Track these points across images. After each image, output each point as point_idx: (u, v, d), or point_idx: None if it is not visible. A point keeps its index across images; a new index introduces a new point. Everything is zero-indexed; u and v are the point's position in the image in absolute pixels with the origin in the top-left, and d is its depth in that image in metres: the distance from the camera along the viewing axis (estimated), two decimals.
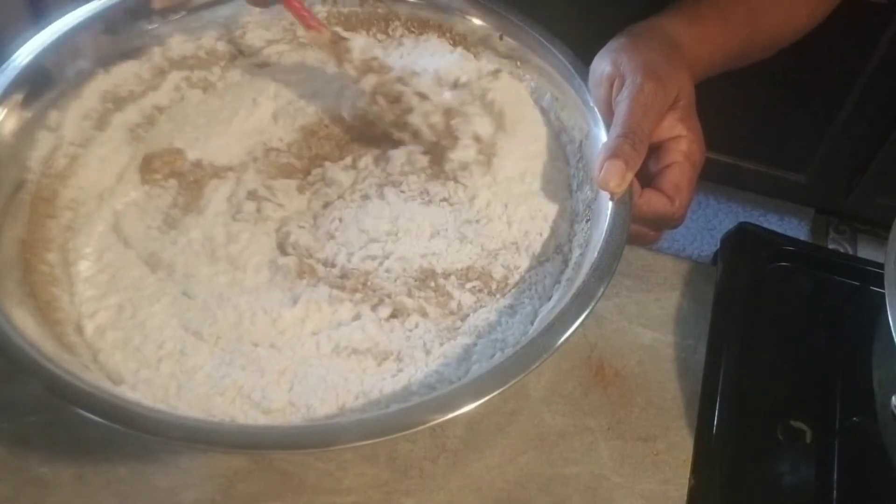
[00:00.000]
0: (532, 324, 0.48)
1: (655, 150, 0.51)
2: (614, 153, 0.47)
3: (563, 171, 0.55)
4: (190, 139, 0.56)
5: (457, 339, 0.47)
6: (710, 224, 1.63)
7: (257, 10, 0.59)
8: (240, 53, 0.60)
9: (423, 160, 0.55)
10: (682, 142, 0.50)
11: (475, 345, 0.47)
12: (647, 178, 0.51)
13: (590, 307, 0.43)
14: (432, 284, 0.50)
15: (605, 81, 0.51)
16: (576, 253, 0.51)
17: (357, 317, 0.49)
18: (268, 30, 0.61)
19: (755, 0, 0.59)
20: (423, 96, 0.54)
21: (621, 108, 0.48)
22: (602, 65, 0.52)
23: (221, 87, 0.60)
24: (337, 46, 0.54)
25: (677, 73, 0.50)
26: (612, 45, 0.53)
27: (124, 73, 0.55)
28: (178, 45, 0.57)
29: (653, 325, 0.60)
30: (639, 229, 0.51)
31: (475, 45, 0.60)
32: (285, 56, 0.61)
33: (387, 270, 0.51)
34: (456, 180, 0.54)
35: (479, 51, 0.60)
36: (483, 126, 0.54)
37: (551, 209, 0.53)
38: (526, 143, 0.56)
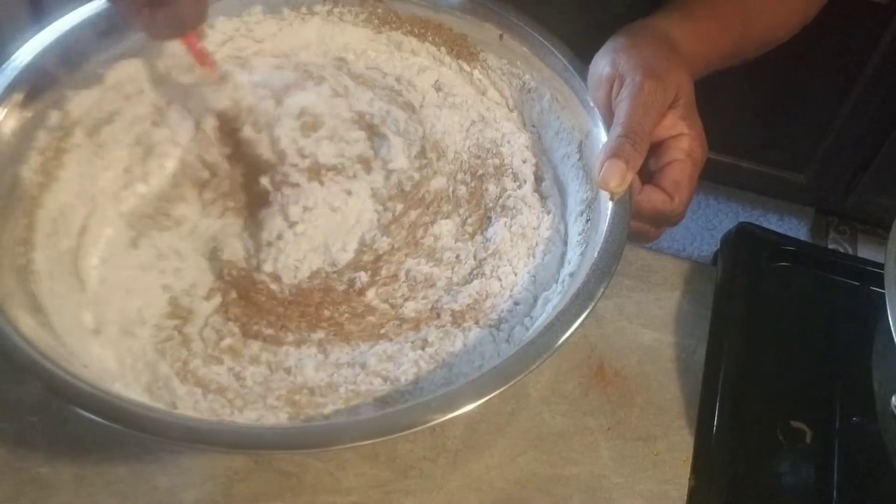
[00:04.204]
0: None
1: (656, 147, 0.51)
2: (615, 153, 0.47)
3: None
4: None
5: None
6: (710, 224, 1.63)
7: (258, 7, 0.59)
8: None
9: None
10: (683, 140, 0.50)
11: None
12: (647, 175, 0.51)
13: (590, 307, 0.43)
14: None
15: (605, 82, 0.51)
16: (576, 252, 0.51)
17: None
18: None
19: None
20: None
21: (621, 108, 0.48)
22: (601, 65, 0.52)
23: None
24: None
25: (676, 71, 0.51)
26: (610, 45, 0.53)
27: (124, 73, 0.55)
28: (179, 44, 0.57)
29: (653, 325, 0.60)
30: (639, 226, 0.51)
31: (475, 45, 0.60)
32: None
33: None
34: None
35: (478, 51, 0.60)
36: None
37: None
38: None
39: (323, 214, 0.53)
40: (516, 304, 0.50)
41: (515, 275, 0.52)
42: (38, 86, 0.50)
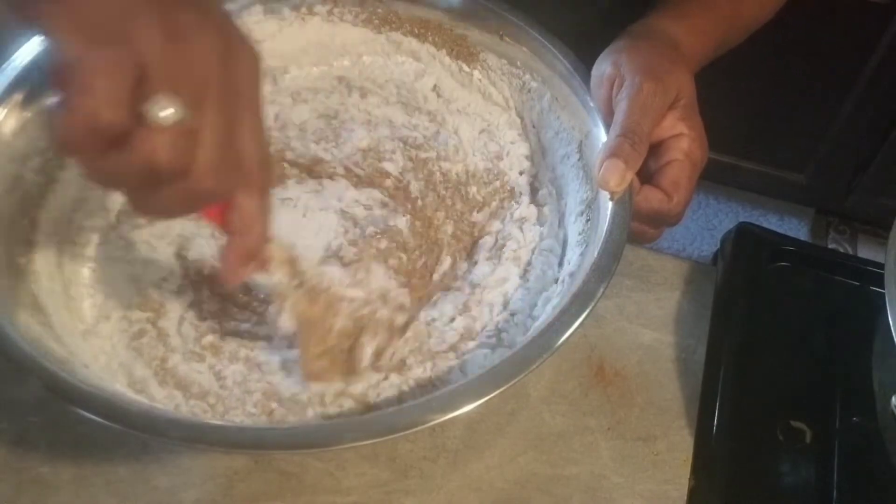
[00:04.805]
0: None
1: (656, 147, 0.51)
2: (614, 152, 0.47)
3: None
4: None
5: None
6: (710, 224, 1.63)
7: (258, 7, 0.59)
8: None
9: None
10: (683, 140, 0.50)
11: None
12: (646, 175, 0.51)
13: (590, 307, 0.43)
14: None
15: (606, 82, 0.51)
16: (576, 252, 0.51)
17: None
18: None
19: None
20: None
21: (621, 109, 0.49)
22: (603, 66, 0.52)
23: None
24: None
25: (677, 72, 0.51)
26: (614, 46, 0.53)
27: None
28: None
29: (653, 325, 0.60)
30: (638, 226, 0.51)
31: (475, 45, 0.60)
32: None
33: None
34: None
35: (478, 51, 0.60)
36: None
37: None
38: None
39: (292, 214, 0.54)
40: (501, 327, 0.50)
41: (504, 299, 0.52)
42: (38, 86, 0.50)
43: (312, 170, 0.57)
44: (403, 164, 0.58)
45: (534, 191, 0.57)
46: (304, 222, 0.54)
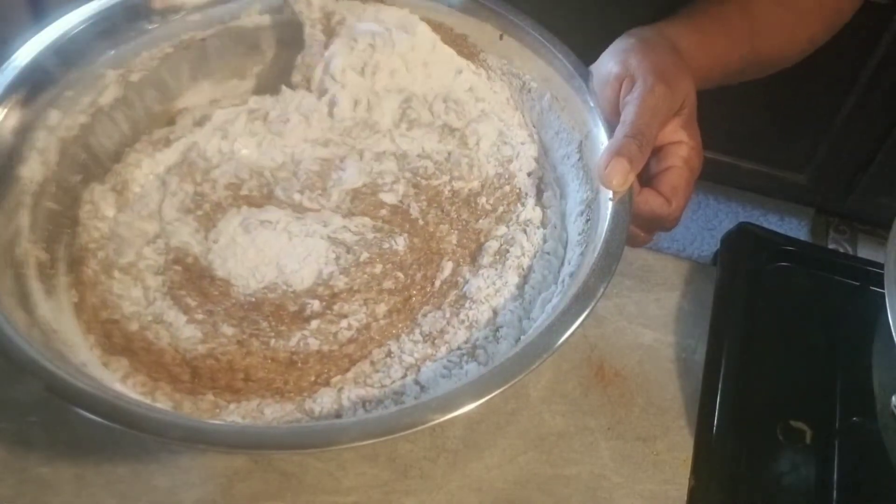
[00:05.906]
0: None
1: (656, 152, 0.51)
2: (620, 152, 0.47)
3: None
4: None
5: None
6: (710, 224, 1.63)
7: (257, 6, 0.59)
8: None
9: None
10: (683, 147, 0.51)
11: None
12: (645, 179, 0.51)
13: (590, 307, 0.43)
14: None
15: (614, 82, 0.51)
16: (576, 252, 0.51)
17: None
18: None
19: (758, 19, 0.59)
20: None
21: (630, 109, 0.48)
22: (609, 65, 0.52)
23: None
24: None
25: (684, 79, 0.51)
26: (620, 45, 0.53)
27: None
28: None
29: (653, 325, 0.60)
30: (632, 230, 0.51)
31: (475, 45, 0.60)
32: None
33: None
34: None
35: (478, 51, 0.60)
36: None
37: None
38: None
39: (276, 236, 0.52)
40: (498, 329, 0.50)
41: (496, 307, 0.51)
42: (38, 86, 0.50)
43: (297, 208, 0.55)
44: (405, 191, 0.56)
45: (539, 192, 0.57)
46: (291, 247, 0.52)
